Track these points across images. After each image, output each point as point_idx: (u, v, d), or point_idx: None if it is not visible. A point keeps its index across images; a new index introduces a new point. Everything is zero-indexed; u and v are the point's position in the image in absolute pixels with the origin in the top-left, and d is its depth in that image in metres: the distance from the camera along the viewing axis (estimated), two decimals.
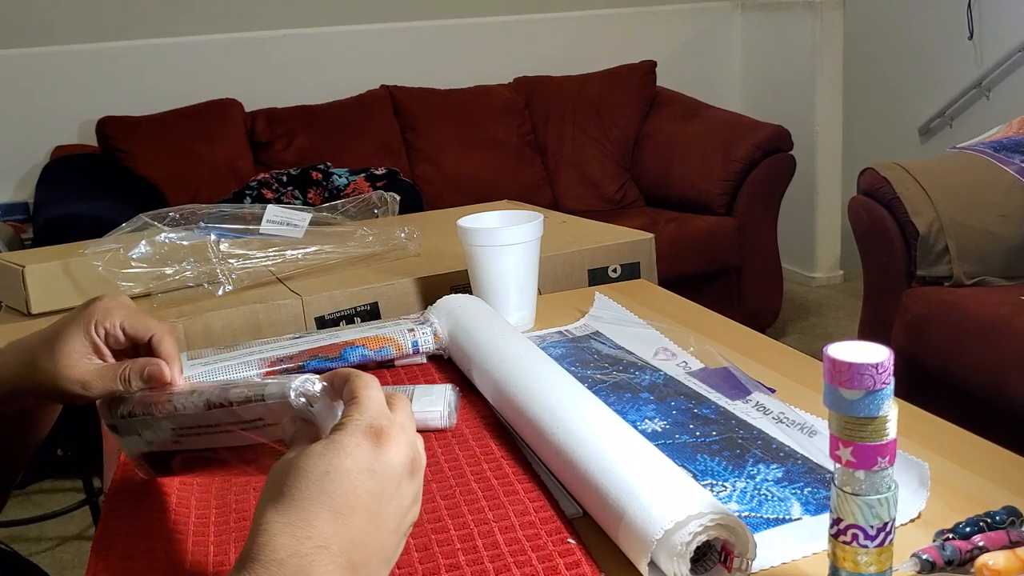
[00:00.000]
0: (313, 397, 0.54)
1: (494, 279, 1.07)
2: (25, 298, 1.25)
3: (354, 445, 0.48)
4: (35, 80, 3.13)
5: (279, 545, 0.45)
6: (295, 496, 0.46)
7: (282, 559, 0.44)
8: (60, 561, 2.17)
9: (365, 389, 0.51)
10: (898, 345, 2.09)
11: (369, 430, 0.49)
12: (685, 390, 0.87)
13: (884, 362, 0.48)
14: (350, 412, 0.50)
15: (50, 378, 0.64)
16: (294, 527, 0.45)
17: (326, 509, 0.46)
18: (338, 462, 0.47)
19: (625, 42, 3.83)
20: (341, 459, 0.47)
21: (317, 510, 0.46)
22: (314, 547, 0.45)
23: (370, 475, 0.48)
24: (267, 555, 0.44)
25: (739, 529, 0.56)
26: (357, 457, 0.48)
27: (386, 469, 0.48)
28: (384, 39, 3.54)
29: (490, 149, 3.38)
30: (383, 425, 0.49)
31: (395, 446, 0.49)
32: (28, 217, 3.02)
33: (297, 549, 0.45)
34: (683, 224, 3.07)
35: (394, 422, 0.50)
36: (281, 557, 0.44)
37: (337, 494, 0.47)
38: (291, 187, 2.86)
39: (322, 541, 0.45)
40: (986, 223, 2.17)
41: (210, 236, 1.27)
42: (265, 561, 0.44)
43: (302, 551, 0.45)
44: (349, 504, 0.47)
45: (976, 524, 0.58)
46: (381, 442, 0.49)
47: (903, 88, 3.74)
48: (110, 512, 0.70)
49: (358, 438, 0.48)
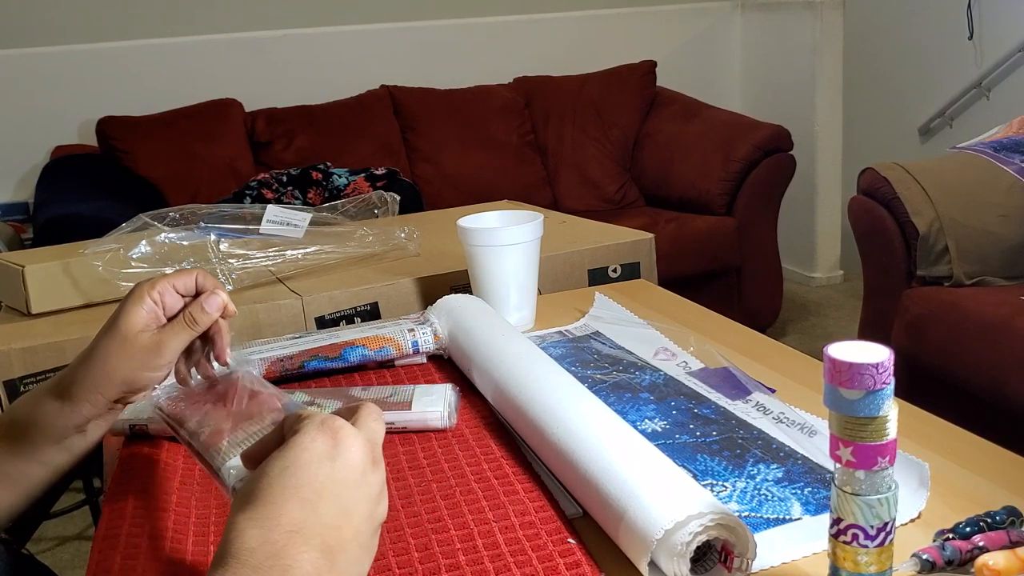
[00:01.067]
0: None
1: (494, 279, 1.07)
2: (25, 298, 1.25)
3: (310, 439, 0.49)
4: (35, 80, 3.13)
5: (249, 537, 0.45)
6: (260, 494, 0.47)
7: (253, 547, 0.45)
8: (60, 561, 2.17)
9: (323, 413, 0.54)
10: (898, 345, 2.09)
11: (322, 426, 0.50)
12: (685, 390, 0.87)
13: (884, 362, 0.48)
14: (302, 419, 0.51)
15: (125, 361, 0.67)
16: (262, 519, 0.46)
17: (292, 499, 0.47)
18: (295, 456, 0.49)
19: (625, 42, 3.83)
20: (298, 453, 0.49)
21: (282, 501, 0.47)
22: (285, 532, 0.46)
23: (329, 462, 0.49)
24: (238, 547, 0.45)
25: (739, 529, 0.56)
26: (314, 450, 0.49)
27: (344, 456, 0.49)
28: (384, 39, 3.54)
29: (490, 149, 3.38)
30: (336, 423, 0.51)
31: (349, 438, 0.50)
32: (28, 217, 3.02)
33: (268, 537, 0.45)
34: (683, 224, 3.07)
35: (345, 423, 0.51)
36: (252, 546, 0.45)
37: (300, 484, 0.47)
38: (291, 187, 2.86)
39: (292, 526, 0.46)
40: (986, 223, 2.17)
41: (210, 236, 1.27)
42: (236, 552, 0.44)
43: (273, 538, 0.45)
44: (314, 491, 0.48)
45: (976, 524, 0.58)
46: (335, 435, 0.50)
47: (903, 88, 3.74)
48: (110, 512, 0.70)
49: (312, 434, 0.50)
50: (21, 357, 1.14)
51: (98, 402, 0.68)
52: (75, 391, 0.68)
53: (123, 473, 0.77)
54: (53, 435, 0.69)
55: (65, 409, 0.68)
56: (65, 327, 1.20)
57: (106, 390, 0.68)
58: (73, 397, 0.68)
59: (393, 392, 0.86)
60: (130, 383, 0.68)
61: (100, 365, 0.68)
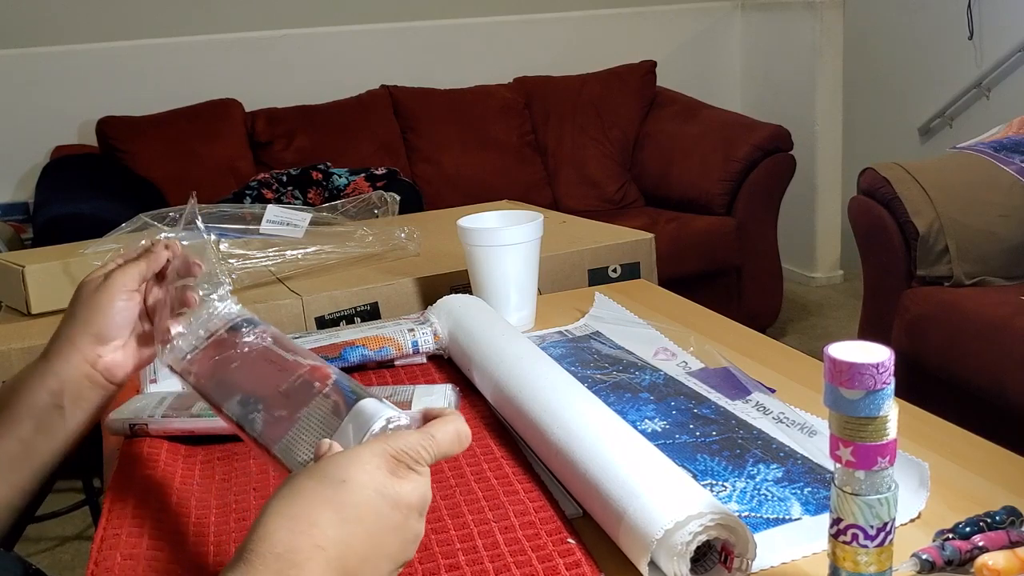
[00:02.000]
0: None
1: (494, 279, 1.07)
2: (25, 298, 1.25)
3: (374, 465, 0.49)
4: (35, 80, 3.13)
5: (278, 540, 0.45)
6: (305, 495, 0.47)
7: (279, 553, 0.45)
8: (60, 561, 2.17)
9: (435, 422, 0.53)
10: (898, 345, 2.09)
11: (393, 459, 0.50)
12: (685, 390, 0.87)
13: (884, 362, 0.48)
14: (388, 436, 0.51)
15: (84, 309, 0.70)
16: (295, 522, 0.46)
17: (333, 513, 0.47)
18: (355, 473, 0.48)
19: (625, 42, 3.83)
20: (358, 472, 0.48)
21: (323, 511, 0.47)
22: (312, 546, 0.46)
23: (381, 497, 0.48)
24: (265, 548, 0.45)
25: (739, 529, 0.56)
26: (375, 476, 0.49)
27: (397, 498, 0.49)
28: (384, 39, 3.54)
29: (490, 149, 3.38)
30: (406, 459, 0.50)
31: (411, 482, 0.50)
32: (28, 217, 3.02)
33: (294, 544, 0.45)
34: (683, 224, 3.07)
35: (417, 462, 0.51)
36: (278, 551, 0.45)
37: (346, 503, 0.47)
38: (291, 187, 2.86)
39: (321, 542, 0.46)
40: (986, 223, 2.17)
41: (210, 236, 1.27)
42: (263, 553, 0.45)
43: (299, 547, 0.45)
44: (356, 515, 0.47)
45: (976, 524, 0.58)
46: (399, 473, 0.49)
47: (903, 88, 3.74)
48: (110, 512, 0.70)
49: (379, 460, 0.49)
50: (21, 357, 1.14)
51: (70, 355, 0.69)
52: (50, 349, 0.70)
53: (123, 473, 0.77)
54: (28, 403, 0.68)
55: (39, 368, 0.69)
56: None
57: (75, 336, 0.69)
58: (48, 355, 0.70)
59: (393, 392, 0.86)
60: (96, 329, 0.70)
61: (68, 317, 0.71)
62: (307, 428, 0.56)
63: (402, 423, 0.54)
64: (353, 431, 0.54)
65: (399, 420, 0.54)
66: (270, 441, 0.58)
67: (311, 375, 0.59)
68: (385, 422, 0.53)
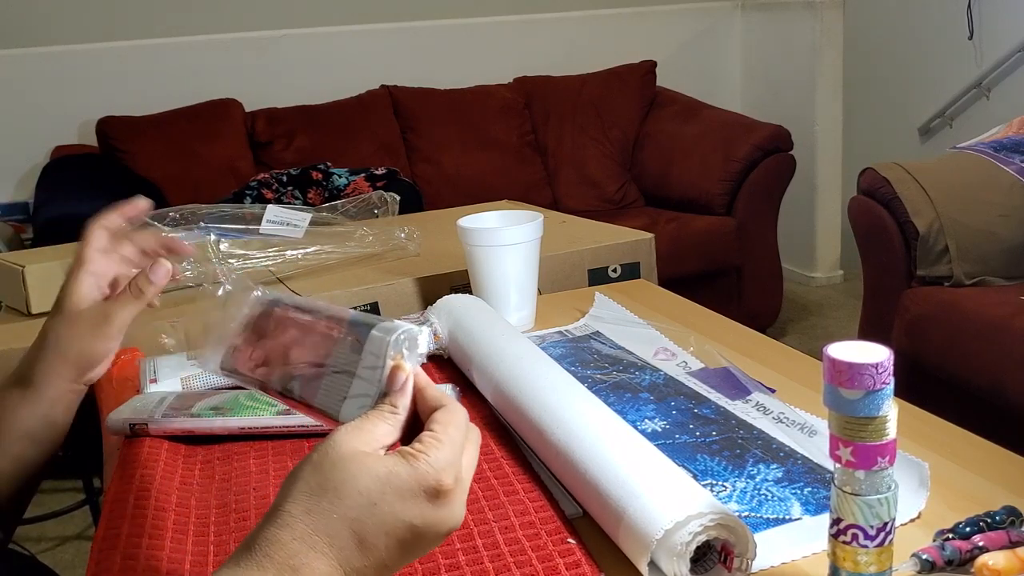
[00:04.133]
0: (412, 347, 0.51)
1: (494, 279, 1.07)
2: (25, 298, 1.25)
3: (412, 495, 0.46)
4: (35, 80, 3.13)
5: (295, 551, 0.44)
6: (333, 506, 0.45)
7: (295, 567, 0.44)
8: (60, 561, 2.17)
9: (452, 427, 0.49)
10: (898, 345, 2.09)
11: (435, 485, 0.47)
12: (685, 390, 0.87)
13: (884, 362, 0.48)
14: (427, 448, 0.47)
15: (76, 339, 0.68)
16: (316, 538, 0.45)
17: (355, 535, 0.45)
18: (391, 501, 0.46)
19: (625, 42, 3.83)
20: (393, 501, 0.46)
21: (346, 532, 0.45)
22: (327, 565, 0.45)
23: (410, 530, 0.47)
24: (281, 557, 0.44)
25: (739, 529, 0.56)
26: (409, 508, 0.46)
27: (427, 528, 0.47)
28: (384, 39, 3.54)
29: (490, 149, 3.38)
30: (448, 486, 0.47)
31: (448, 509, 0.47)
32: (28, 217, 3.02)
33: (311, 562, 0.44)
34: (683, 224, 3.07)
35: (460, 481, 0.48)
36: (294, 564, 0.44)
37: (373, 528, 0.46)
38: (291, 187, 2.87)
39: (338, 563, 0.45)
40: (986, 223, 2.17)
41: (210, 236, 1.27)
42: (278, 562, 0.44)
43: (315, 566, 0.44)
44: (377, 543, 0.46)
45: (976, 524, 0.58)
46: (438, 503, 0.47)
47: (903, 88, 3.74)
48: (110, 512, 0.70)
49: (419, 488, 0.46)
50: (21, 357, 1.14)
51: (58, 384, 0.68)
52: (34, 377, 0.68)
53: (123, 473, 0.77)
54: (19, 427, 0.68)
55: (28, 396, 0.68)
56: None
57: (63, 370, 0.68)
58: (33, 383, 0.68)
59: None
60: (86, 358, 0.68)
61: (52, 347, 0.68)
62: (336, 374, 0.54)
63: (414, 334, 0.51)
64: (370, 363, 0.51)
65: (411, 331, 0.51)
66: (310, 397, 0.57)
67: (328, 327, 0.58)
68: (399, 335, 0.50)
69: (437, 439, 0.48)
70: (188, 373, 0.93)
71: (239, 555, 0.45)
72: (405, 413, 0.50)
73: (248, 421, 0.82)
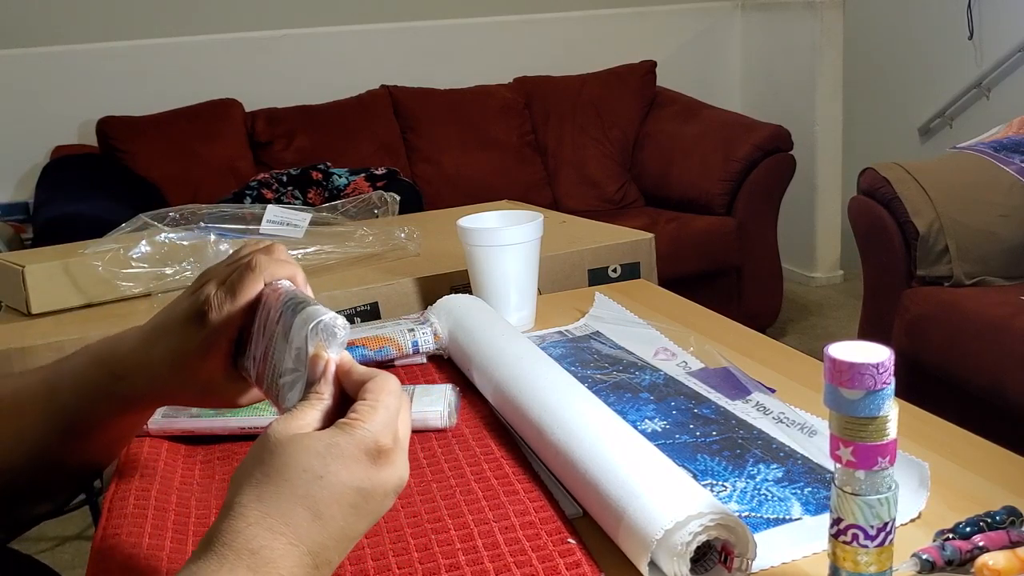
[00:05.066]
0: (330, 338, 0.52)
1: (494, 279, 1.07)
2: (25, 298, 1.25)
3: (354, 460, 0.48)
4: (35, 80, 3.13)
5: (252, 535, 0.45)
6: (281, 488, 0.47)
7: (253, 549, 0.45)
8: (60, 561, 2.17)
9: (384, 394, 0.50)
10: (898, 345, 2.09)
11: (374, 446, 0.48)
12: (685, 390, 0.87)
13: (884, 362, 0.48)
14: (362, 415, 0.49)
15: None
16: (271, 520, 0.46)
17: (308, 510, 0.47)
18: (335, 470, 0.47)
19: (625, 42, 3.83)
20: (337, 468, 0.47)
21: (298, 509, 0.46)
22: (286, 543, 0.46)
23: (359, 493, 0.48)
24: (240, 544, 0.45)
25: (739, 529, 0.56)
26: (354, 471, 0.48)
27: (375, 488, 0.48)
28: (384, 39, 3.54)
29: (490, 149, 3.38)
30: (386, 445, 0.49)
31: (391, 468, 0.49)
32: (28, 217, 3.02)
33: (269, 543, 0.45)
34: (683, 224, 3.07)
35: (398, 441, 0.50)
36: (253, 547, 0.45)
37: (323, 500, 0.47)
38: (291, 187, 2.86)
39: (295, 539, 0.46)
40: (986, 223, 2.17)
41: (210, 236, 1.27)
42: (238, 549, 0.45)
43: (274, 545, 0.45)
44: (331, 513, 0.47)
45: (976, 524, 0.58)
46: (380, 461, 0.49)
47: (903, 88, 3.74)
48: (110, 512, 0.70)
49: (360, 453, 0.48)
50: (21, 357, 1.14)
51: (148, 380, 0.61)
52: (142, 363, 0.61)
53: (123, 473, 0.77)
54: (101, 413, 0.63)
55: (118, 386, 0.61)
56: (65, 327, 1.20)
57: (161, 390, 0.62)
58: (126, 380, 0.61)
59: None
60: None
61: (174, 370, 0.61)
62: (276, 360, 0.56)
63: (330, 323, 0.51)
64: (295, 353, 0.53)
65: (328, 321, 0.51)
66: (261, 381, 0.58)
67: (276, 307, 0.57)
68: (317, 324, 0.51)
69: (370, 406, 0.49)
70: None
71: (197, 553, 0.46)
72: (330, 399, 0.51)
73: (248, 421, 0.82)
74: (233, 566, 0.44)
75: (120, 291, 1.26)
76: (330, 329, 0.52)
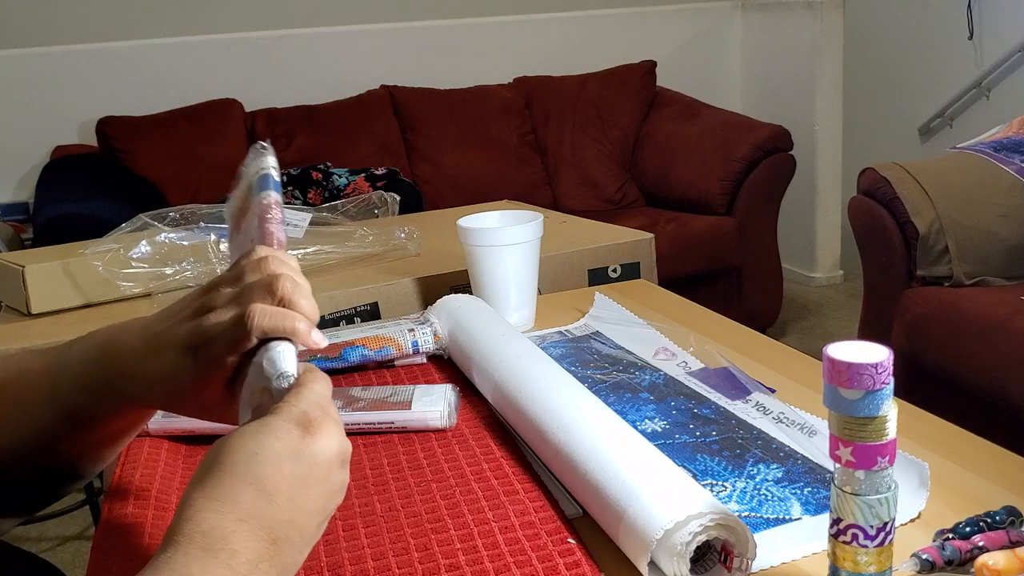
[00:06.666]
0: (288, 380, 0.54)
1: (494, 279, 1.07)
2: (25, 298, 1.25)
3: (285, 431, 0.50)
4: (35, 80, 3.13)
5: (202, 519, 0.46)
6: (222, 473, 0.48)
7: (204, 531, 0.46)
8: (60, 561, 2.17)
9: (311, 381, 0.53)
10: (898, 345, 2.09)
11: (302, 417, 0.50)
12: (685, 390, 0.87)
13: (884, 362, 0.48)
14: (288, 398, 0.51)
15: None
16: (218, 503, 0.47)
17: (251, 487, 0.48)
18: (267, 444, 0.49)
19: (625, 42, 3.83)
20: (271, 442, 0.49)
21: (241, 487, 0.48)
22: (235, 520, 0.47)
23: (295, 459, 0.49)
24: (191, 528, 0.46)
25: (739, 529, 0.56)
26: (286, 441, 0.49)
27: (313, 456, 0.50)
28: (384, 39, 3.54)
29: (490, 149, 3.38)
30: (315, 416, 0.51)
31: (325, 436, 0.50)
32: (28, 217, 3.02)
33: (219, 522, 0.46)
34: (683, 224, 3.07)
35: (327, 415, 0.52)
36: (203, 529, 0.46)
37: (263, 475, 0.48)
38: (291, 187, 2.87)
39: (243, 515, 0.47)
40: (986, 223, 2.17)
41: (210, 236, 1.27)
42: (189, 533, 0.46)
43: (223, 524, 0.46)
44: (274, 484, 0.48)
45: (976, 524, 0.58)
46: (311, 431, 0.50)
47: (903, 88, 3.74)
48: (110, 512, 0.70)
49: (290, 424, 0.50)
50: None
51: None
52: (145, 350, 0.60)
53: (123, 473, 0.77)
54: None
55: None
56: (65, 327, 1.20)
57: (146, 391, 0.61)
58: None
59: (393, 392, 0.86)
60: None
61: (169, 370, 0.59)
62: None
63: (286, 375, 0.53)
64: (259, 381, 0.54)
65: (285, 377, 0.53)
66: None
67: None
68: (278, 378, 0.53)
69: (295, 391, 0.52)
70: None
71: (158, 550, 0.47)
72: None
73: None
74: (187, 549, 0.45)
75: (120, 291, 1.26)
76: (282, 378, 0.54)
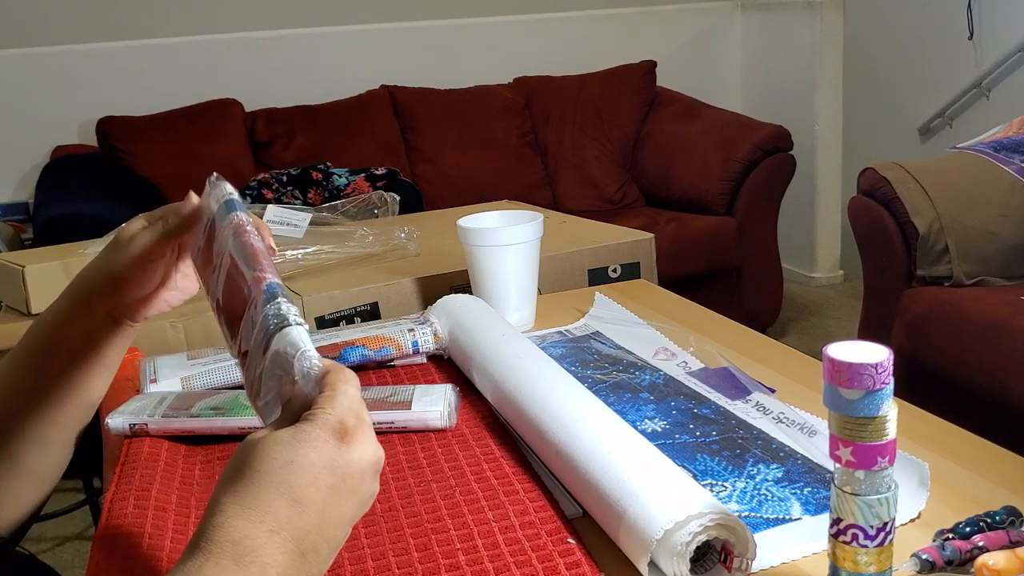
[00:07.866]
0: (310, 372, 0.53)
1: (494, 279, 1.07)
2: (25, 298, 1.25)
3: (321, 440, 0.49)
4: (35, 80, 3.13)
5: (233, 527, 0.46)
6: (255, 481, 0.47)
7: (235, 540, 0.45)
8: (60, 561, 2.17)
9: (342, 383, 0.52)
10: (898, 345, 2.09)
11: (339, 425, 0.49)
12: (685, 390, 0.87)
13: (884, 362, 0.48)
14: (322, 403, 0.50)
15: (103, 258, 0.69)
16: (250, 511, 0.46)
17: (284, 497, 0.47)
18: (303, 453, 0.48)
19: (625, 42, 3.83)
20: (306, 451, 0.48)
21: (275, 497, 0.47)
22: (266, 531, 0.46)
23: (331, 471, 0.48)
24: (221, 536, 0.45)
25: (739, 529, 0.56)
26: (323, 451, 0.48)
27: (347, 466, 0.49)
28: (384, 39, 3.54)
29: (490, 149, 3.38)
30: (351, 424, 0.50)
31: (360, 445, 0.50)
32: (28, 217, 3.02)
33: (250, 532, 0.46)
34: (683, 224, 3.07)
35: (363, 421, 0.51)
36: (234, 538, 0.45)
37: (297, 484, 0.47)
38: (291, 187, 2.86)
39: (275, 526, 0.47)
40: (986, 223, 2.17)
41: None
42: (220, 541, 0.45)
43: (255, 534, 0.46)
44: (308, 495, 0.48)
45: (976, 524, 0.58)
46: (347, 440, 0.49)
47: (903, 88, 3.74)
48: (110, 512, 0.70)
49: (326, 433, 0.49)
50: None
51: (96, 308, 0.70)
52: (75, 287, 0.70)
53: (123, 473, 0.77)
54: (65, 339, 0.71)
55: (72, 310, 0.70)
56: None
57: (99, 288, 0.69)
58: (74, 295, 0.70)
59: (393, 392, 0.86)
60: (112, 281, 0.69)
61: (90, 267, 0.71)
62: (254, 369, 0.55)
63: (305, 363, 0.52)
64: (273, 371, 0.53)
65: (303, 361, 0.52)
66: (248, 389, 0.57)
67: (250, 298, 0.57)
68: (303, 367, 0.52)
69: (329, 394, 0.51)
70: (188, 373, 0.94)
71: (185, 554, 0.46)
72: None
73: (248, 421, 0.82)
74: (217, 559, 0.45)
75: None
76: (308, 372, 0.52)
